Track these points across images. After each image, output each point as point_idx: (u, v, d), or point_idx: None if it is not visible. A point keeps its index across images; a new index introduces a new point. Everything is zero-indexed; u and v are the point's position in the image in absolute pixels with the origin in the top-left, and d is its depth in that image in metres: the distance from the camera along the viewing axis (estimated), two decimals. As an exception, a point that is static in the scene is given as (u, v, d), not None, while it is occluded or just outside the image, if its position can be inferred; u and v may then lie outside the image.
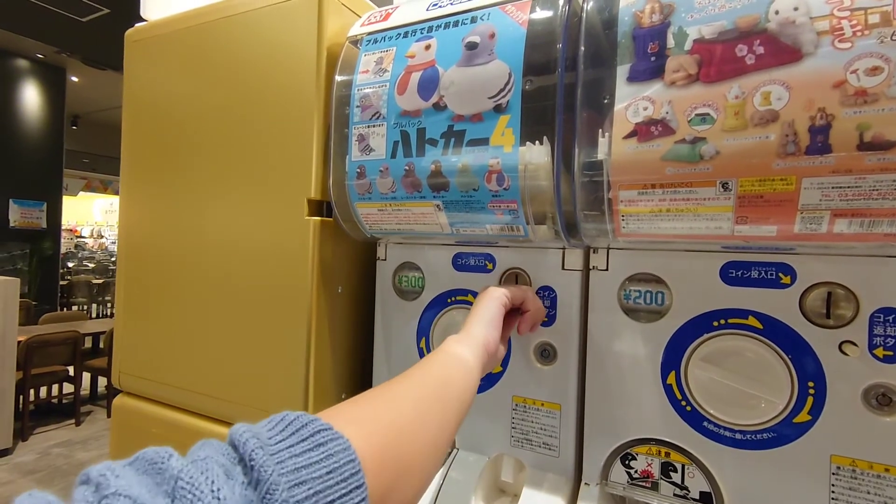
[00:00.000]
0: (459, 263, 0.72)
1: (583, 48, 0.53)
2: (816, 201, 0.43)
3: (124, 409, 0.92)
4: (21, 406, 3.68)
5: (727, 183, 0.46)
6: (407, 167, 0.62)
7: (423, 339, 0.74)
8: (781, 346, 0.52)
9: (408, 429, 0.36)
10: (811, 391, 0.51)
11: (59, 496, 0.22)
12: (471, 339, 0.52)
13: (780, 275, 0.53)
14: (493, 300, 0.57)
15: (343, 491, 0.28)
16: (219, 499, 0.23)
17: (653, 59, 0.48)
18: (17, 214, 6.01)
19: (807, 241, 0.47)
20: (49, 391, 4.18)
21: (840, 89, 0.40)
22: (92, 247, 13.24)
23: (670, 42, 0.47)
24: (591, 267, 0.64)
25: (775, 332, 0.53)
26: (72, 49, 5.77)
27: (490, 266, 0.70)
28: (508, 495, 0.71)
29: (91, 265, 9.88)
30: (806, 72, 0.41)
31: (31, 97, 6.24)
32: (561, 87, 0.54)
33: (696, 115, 0.46)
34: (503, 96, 0.57)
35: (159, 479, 0.24)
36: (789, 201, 0.44)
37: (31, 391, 3.81)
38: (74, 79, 6.80)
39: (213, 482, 0.24)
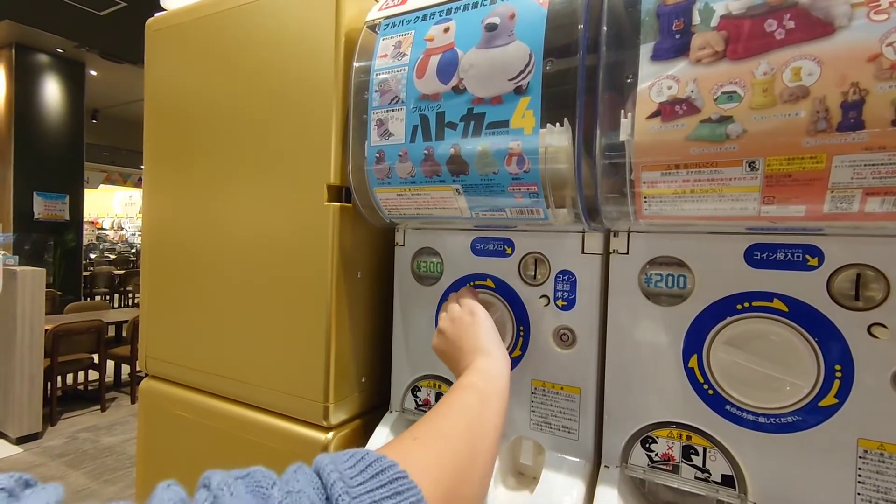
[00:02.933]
0: (478, 248, 0.72)
1: (605, 28, 0.52)
2: (847, 180, 0.42)
3: (151, 392, 0.94)
4: (49, 392, 3.80)
5: (754, 162, 0.45)
6: (426, 151, 0.62)
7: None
8: (808, 328, 0.52)
9: (466, 472, 0.41)
10: (838, 374, 0.50)
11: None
12: (482, 373, 0.54)
13: (808, 257, 0.52)
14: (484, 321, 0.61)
15: None
16: None
17: (677, 36, 0.47)
18: (41, 207, 6.16)
19: (836, 221, 0.46)
20: (75, 378, 4.31)
21: (875, 63, 0.39)
22: (113, 238, 13.53)
23: (696, 18, 0.46)
24: (611, 251, 0.63)
25: (801, 314, 0.52)
26: (90, 43, 5.85)
27: (509, 251, 0.70)
28: (527, 477, 0.71)
29: (112, 256, 10.11)
30: (839, 46, 0.40)
31: (52, 92, 6.36)
32: (582, 68, 0.53)
33: (723, 93, 0.45)
34: (523, 78, 0.56)
35: (264, 503, 0.28)
36: (819, 180, 0.43)
37: (59, 378, 3.93)
38: (93, 73, 6.90)
39: None
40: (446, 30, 0.62)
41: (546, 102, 0.55)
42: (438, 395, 0.76)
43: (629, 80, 0.50)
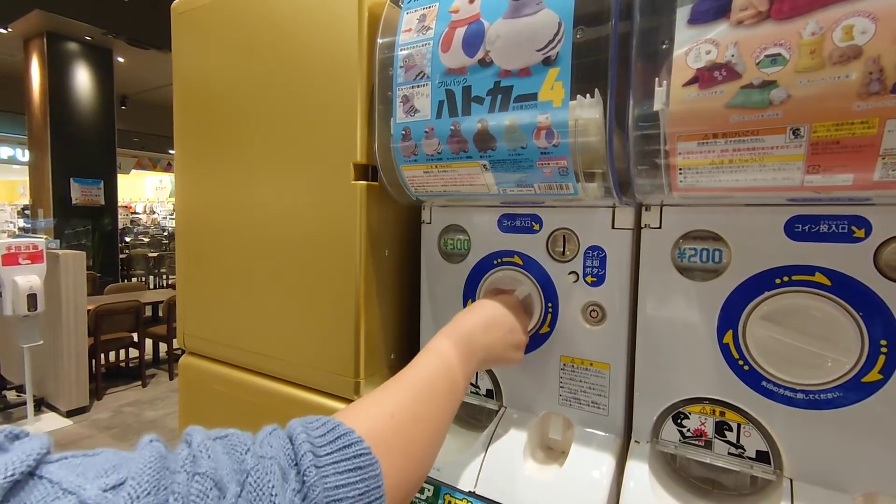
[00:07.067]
0: (505, 225, 0.72)
1: (639, -8, 0.50)
2: (901, 145, 0.40)
3: (190, 368, 0.98)
4: (94, 369, 4.01)
5: (799, 129, 0.43)
6: (453, 127, 0.62)
7: (470, 301, 0.75)
8: (852, 303, 0.50)
9: (420, 451, 0.44)
10: (883, 350, 0.49)
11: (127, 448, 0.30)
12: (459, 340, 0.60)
13: (853, 228, 0.50)
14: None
15: None
16: (273, 502, 0.30)
17: (717, -3, 0.45)
18: (78, 193, 6.40)
19: (887, 189, 0.44)
20: (117, 356, 4.53)
21: (937, 17, 0.36)
22: (145, 222, 13.97)
23: (738, -23, 0.44)
24: (643, 225, 0.62)
25: (846, 288, 0.50)
26: (116, 30, 5.95)
27: (537, 227, 0.69)
28: (556, 452, 0.72)
29: (146, 239, 10.46)
30: (897, 0, 0.37)
31: (83, 79, 6.52)
32: (615, 35, 0.51)
33: (766, 56, 0.43)
34: (552, 48, 0.54)
35: (237, 466, 0.31)
36: (870, 146, 0.41)
37: (102, 355, 4.13)
38: (121, 59, 7.03)
39: (272, 486, 0.31)
40: (472, 0, 0.60)
41: (576, 73, 0.54)
42: (467, 371, 0.77)
43: (664, 47, 0.48)
